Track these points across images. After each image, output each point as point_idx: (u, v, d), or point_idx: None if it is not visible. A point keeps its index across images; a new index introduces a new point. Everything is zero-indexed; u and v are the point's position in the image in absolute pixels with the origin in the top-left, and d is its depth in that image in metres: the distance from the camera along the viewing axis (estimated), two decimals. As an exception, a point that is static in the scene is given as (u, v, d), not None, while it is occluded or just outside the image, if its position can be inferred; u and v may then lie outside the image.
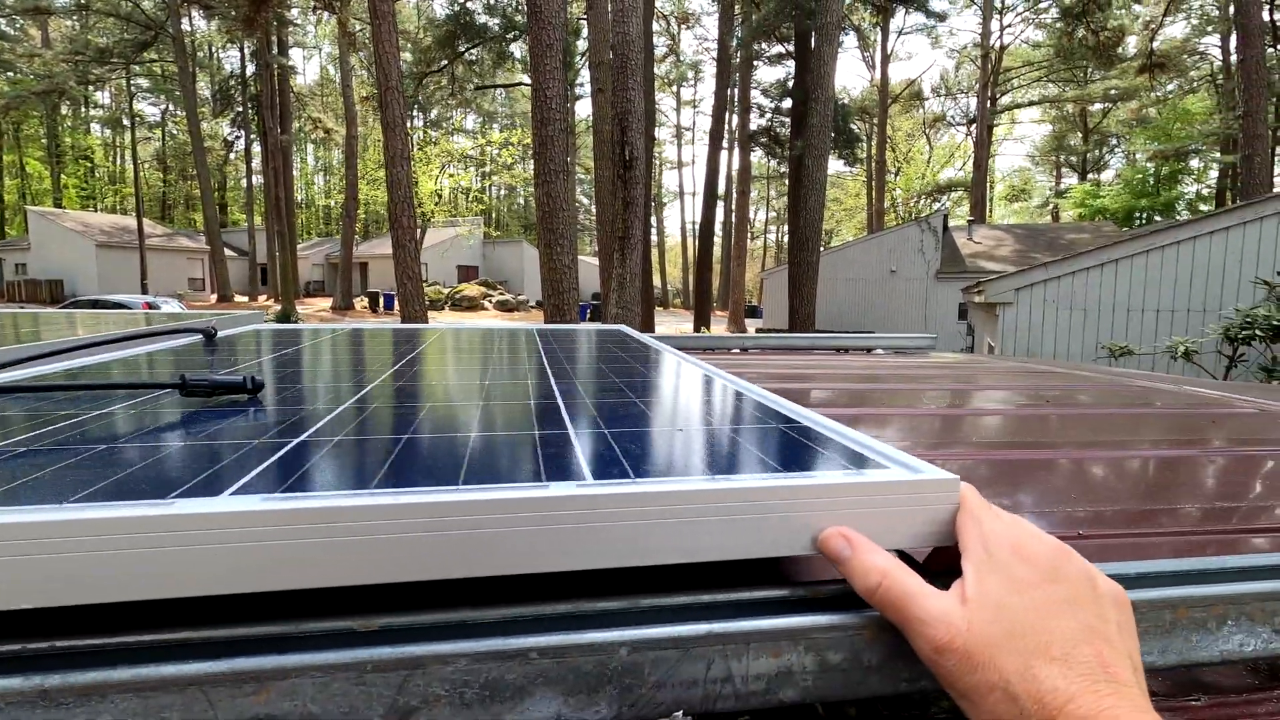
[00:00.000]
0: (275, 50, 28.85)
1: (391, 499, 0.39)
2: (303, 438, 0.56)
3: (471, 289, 35.42)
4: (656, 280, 43.92)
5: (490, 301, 34.96)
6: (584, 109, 49.28)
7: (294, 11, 31.63)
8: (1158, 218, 33.29)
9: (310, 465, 0.48)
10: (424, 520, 0.39)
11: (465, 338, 1.49)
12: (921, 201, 47.76)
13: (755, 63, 25.53)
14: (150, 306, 18.15)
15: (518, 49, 21.33)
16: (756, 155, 29.07)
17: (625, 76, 11.01)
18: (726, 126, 30.53)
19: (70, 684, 0.34)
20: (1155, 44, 28.37)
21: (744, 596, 0.45)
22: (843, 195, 52.53)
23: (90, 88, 37.83)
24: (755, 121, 26.24)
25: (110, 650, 0.36)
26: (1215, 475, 0.92)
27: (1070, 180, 46.83)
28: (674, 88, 51.82)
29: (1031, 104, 43.19)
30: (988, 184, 41.04)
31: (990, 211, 42.81)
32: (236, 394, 0.71)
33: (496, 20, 19.36)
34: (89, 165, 48.01)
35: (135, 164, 35.29)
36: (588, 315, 29.36)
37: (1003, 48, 37.01)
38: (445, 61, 22.03)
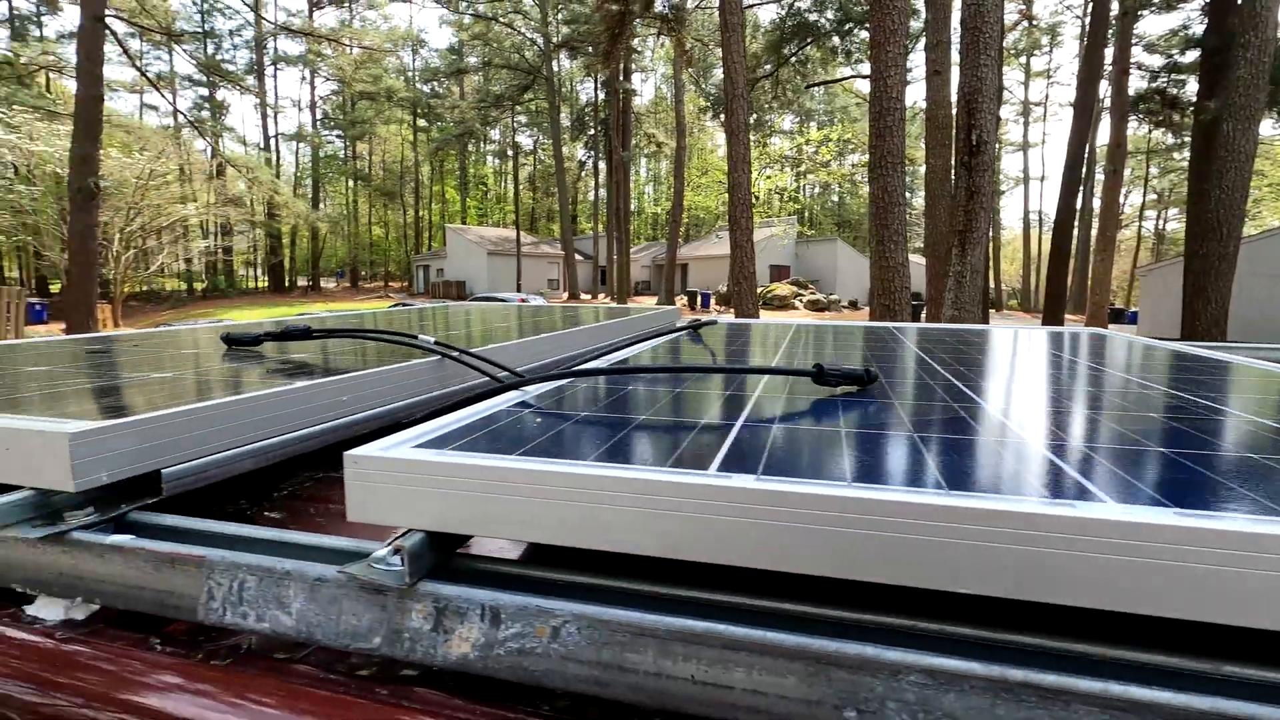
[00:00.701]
0: (622, 77, 32.61)
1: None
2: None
3: (783, 288, 35.67)
4: (989, 279, 38.97)
5: (801, 301, 34.80)
6: (911, 97, 45.90)
7: (636, 41, 35.39)
8: None
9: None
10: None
11: (979, 338, 1.41)
12: None
13: (1141, 12, 20.93)
14: (523, 302, 22.04)
15: (848, 43, 20.74)
16: (1131, 127, 23.80)
17: (976, 52, 9.93)
18: (1094, 95, 25.55)
19: (1033, 682, 0.33)
20: None
21: None
22: (1268, 167, 40.23)
23: (488, 127, 47.37)
24: (1135, 86, 21.54)
25: (1067, 656, 0.36)
26: None
27: None
28: (1022, 59, 45.31)
29: None
30: None
31: None
32: (858, 384, 0.73)
33: (830, 15, 19.07)
34: (484, 189, 60.26)
35: (515, 186, 43.12)
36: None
37: None
38: (770, 67, 22.46)
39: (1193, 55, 17.20)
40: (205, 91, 44.03)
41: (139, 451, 0.57)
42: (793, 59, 21.67)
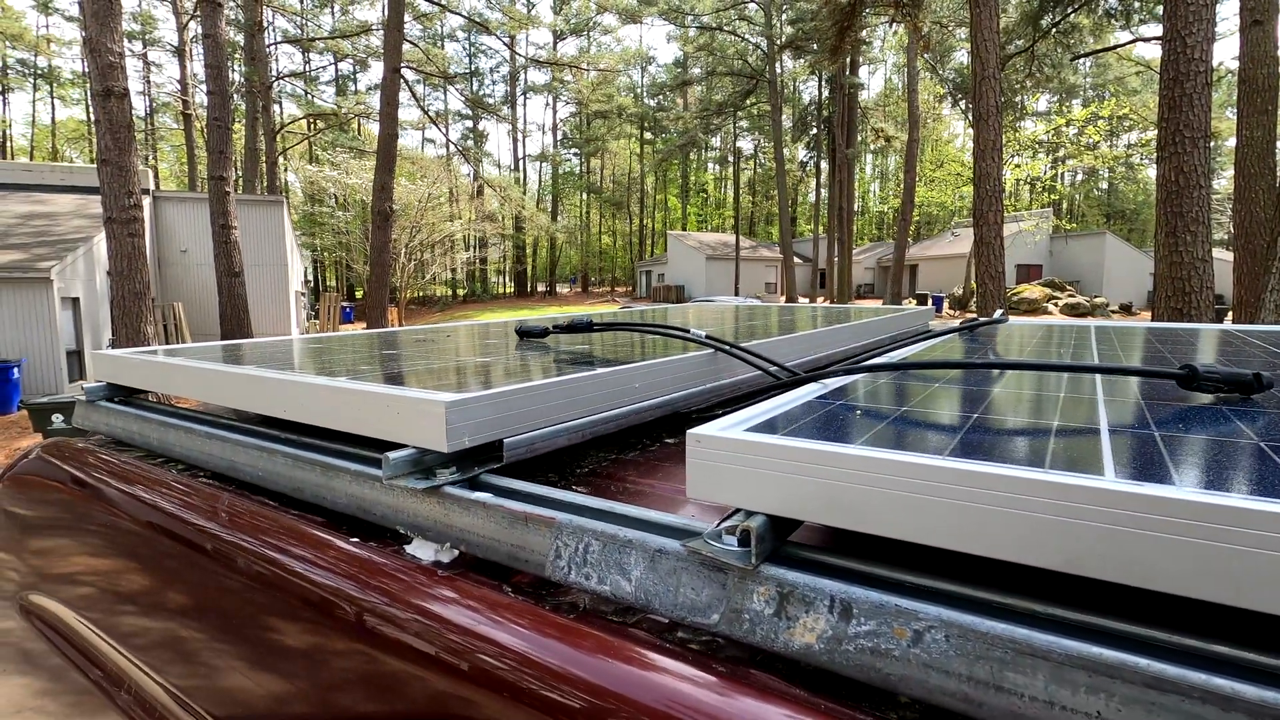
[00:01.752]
0: (849, 72, 31.25)
1: None
2: None
3: (1033, 290, 31.46)
4: (1330, 277, 30.59)
5: (1056, 305, 30.39)
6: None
7: (864, 31, 33.67)
8: None
9: None
10: None
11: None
12: None
13: None
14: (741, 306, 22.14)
15: (1129, 3, 17.67)
16: None
17: (1325, -11, 7.94)
18: None
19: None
20: None
21: None
22: None
23: (709, 135, 48.41)
24: None
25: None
26: None
27: None
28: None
29: None
30: None
31: None
32: (1243, 391, 0.59)
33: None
34: (704, 196, 61.73)
35: (736, 191, 43.50)
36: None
37: None
38: (1021, 41, 19.92)
39: None
40: (470, 123, 50.86)
41: (490, 422, 0.66)
42: (1054, 30, 19.03)
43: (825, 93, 37.76)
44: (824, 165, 39.63)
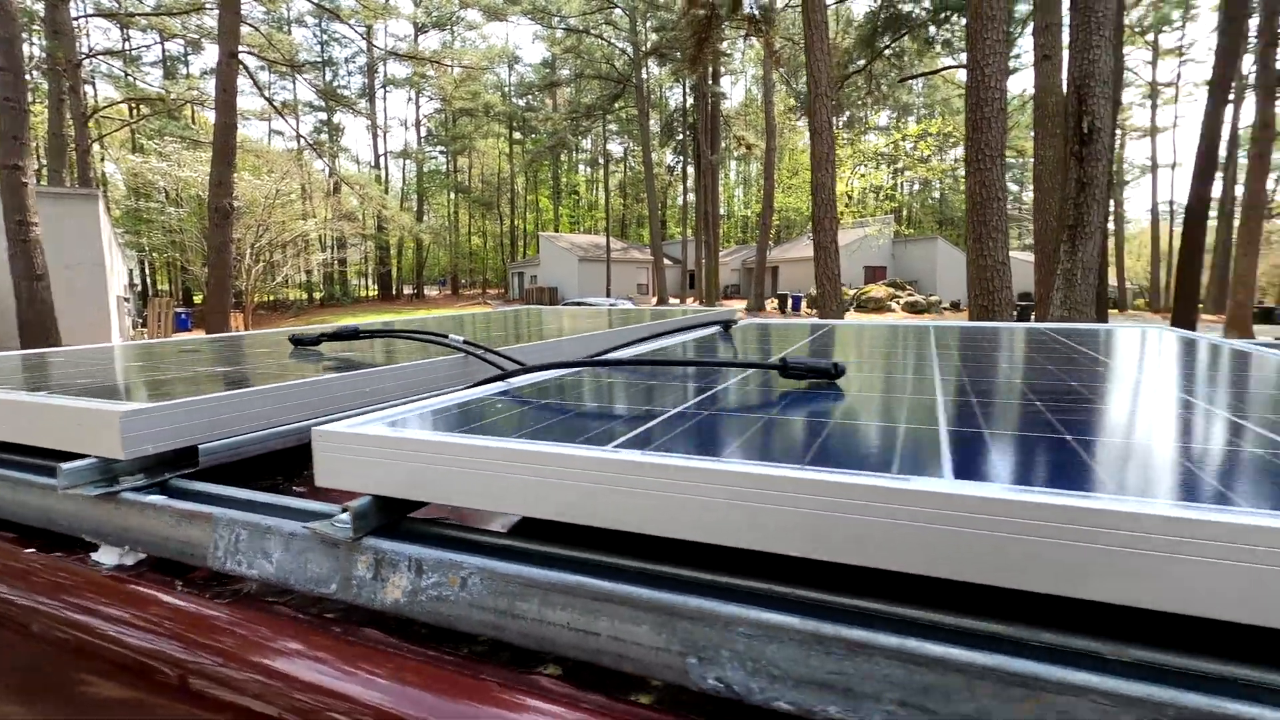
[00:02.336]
0: (710, 81, 32.60)
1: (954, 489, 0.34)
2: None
3: (878, 290, 34.42)
4: (1111, 278, 35.94)
5: (897, 303, 33.44)
6: (1015, 85, 43.19)
7: (724, 44, 35.30)
8: None
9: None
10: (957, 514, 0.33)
11: (986, 336, 1.38)
12: None
13: (1294, -24, 18.70)
14: (612, 307, 22.47)
15: (945, 32, 19.80)
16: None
17: (1088, 33, 9.25)
18: (1235, 72, 23.06)
19: (842, 636, 0.37)
20: None
21: None
22: None
23: (579, 137, 48.62)
24: (1289, 57, 19.22)
25: (874, 615, 0.39)
26: None
27: None
28: (1148, 36, 41.54)
29: None
30: None
31: None
32: (824, 377, 0.75)
33: (925, 5, 18.31)
34: (576, 198, 61.91)
35: (606, 193, 44.02)
36: (1013, 317, 25.69)
37: None
38: (863, 61, 21.79)
39: (1357, 20, 15.19)
40: (324, 116, 47.77)
41: (178, 429, 0.69)
42: (887, 51, 20.95)
43: (690, 100, 39.11)
44: (690, 170, 41.05)
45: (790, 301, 31.93)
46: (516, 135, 52.73)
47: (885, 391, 0.73)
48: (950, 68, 21.51)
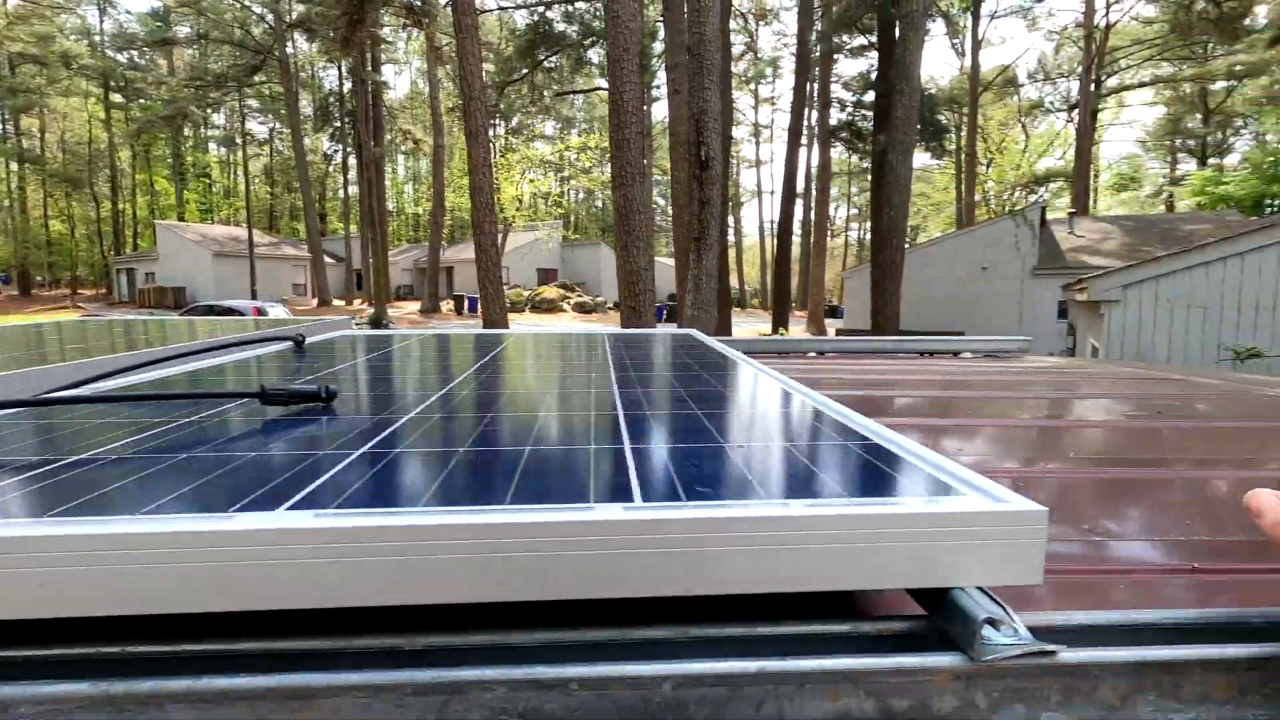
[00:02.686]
0: (370, 67, 30.48)
1: (438, 519, 0.39)
2: (365, 449, 0.57)
3: (551, 291, 36.22)
4: (734, 281, 43.51)
5: (569, 304, 35.64)
6: (660, 111, 49.35)
7: (386, 30, 33.37)
8: (1293, 205, 30.04)
9: (369, 478, 0.49)
10: (469, 542, 0.38)
11: (536, 345, 1.50)
12: (1016, 194, 45.11)
13: (836, 56, 24.80)
14: (259, 312, 19.54)
15: (596, 54, 21.65)
16: (837, 151, 28.28)
17: (701, 77, 10.95)
18: (806, 123, 29.85)
19: (133, 692, 0.35)
20: (1290, 13, 25.57)
21: (800, 630, 0.43)
22: (930, 190, 50.33)
23: (208, 110, 41.17)
24: (836, 117, 25.51)
25: (171, 658, 0.38)
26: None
27: (1187, 166, 42.90)
28: (752, 85, 51.17)
29: (1143, 85, 39.90)
30: (1091, 173, 38.29)
31: (1094, 203, 39.90)
32: (313, 402, 0.73)
33: (575, 28, 19.73)
34: (207, 181, 52.26)
35: (246, 179, 38.09)
36: (664, 316, 29.42)
37: (1109, 26, 34.42)
38: (525, 70, 22.63)
39: (871, 96, 20.79)
40: None
41: None
42: (545, 64, 22.08)
43: (348, 85, 36.02)
44: (353, 161, 37.88)
45: (467, 303, 31.70)
46: (117, 98, 42.40)
47: (376, 412, 0.74)
48: (600, 89, 23.60)
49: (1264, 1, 27.27)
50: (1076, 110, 34.99)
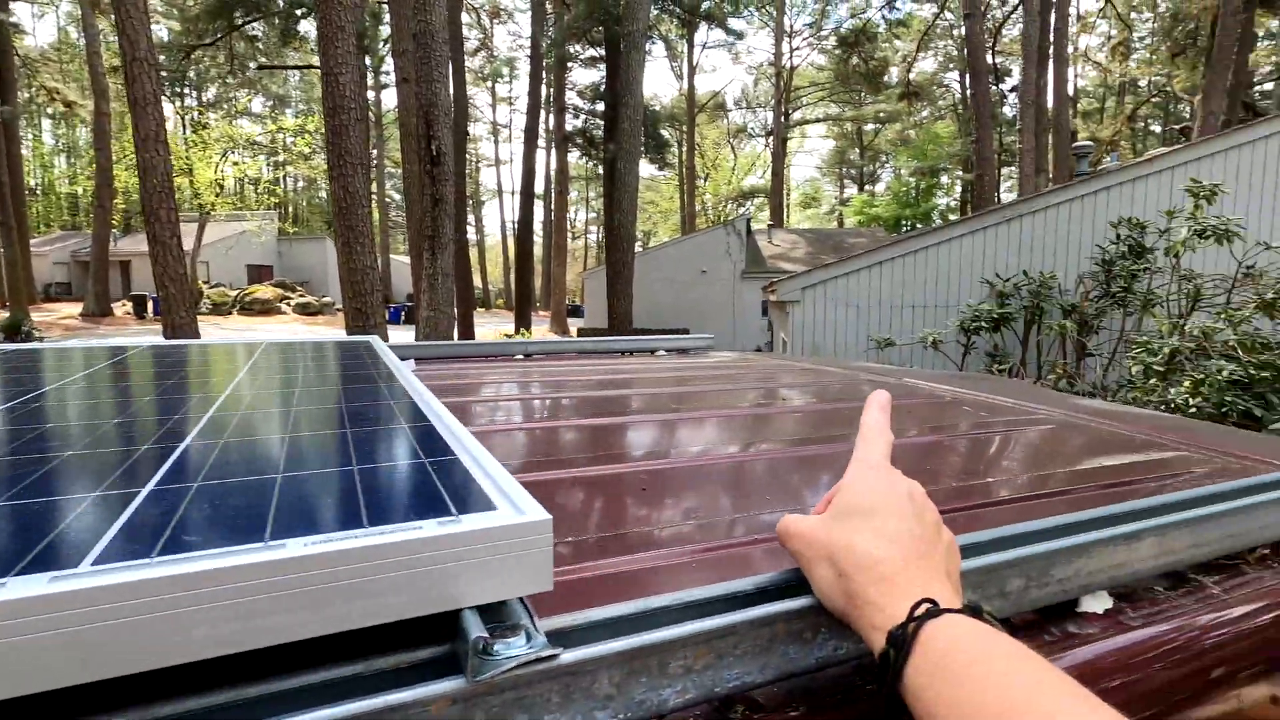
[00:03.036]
0: (-11, 2, 23.71)
1: None
2: None
3: (266, 291, 31.88)
4: (477, 280, 42.61)
5: (289, 305, 31.72)
6: (391, 99, 46.39)
7: (16, -42, 26.19)
8: (918, 225, 38.75)
9: None
10: None
11: (143, 361, 1.27)
12: (728, 206, 51.26)
13: (570, 64, 25.65)
14: None
15: (309, 26, 19.49)
16: (574, 156, 29.30)
17: (430, 68, 10.49)
18: (544, 126, 30.41)
19: None
20: (911, 75, 32.91)
21: (317, 679, 0.39)
22: (658, 198, 54.75)
23: None
24: (571, 122, 26.42)
25: None
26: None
27: (852, 190, 52.96)
28: (489, 83, 50.61)
29: (817, 120, 48.10)
30: (784, 191, 45.05)
31: (788, 217, 46.97)
32: None
33: (279, -6, 17.54)
34: None
35: None
36: (401, 317, 27.72)
37: (793, 68, 40.80)
38: (220, 35, 19.53)
39: (603, 106, 21.90)
40: None
41: None
42: (247, 30, 19.32)
43: (-45, 21, 27.54)
44: (-33, 120, 29.10)
45: (151, 304, 26.33)
46: None
47: None
48: (310, 66, 21.37)
49: (895, 64, 34.61)
50: (771, 136, 40.87)
